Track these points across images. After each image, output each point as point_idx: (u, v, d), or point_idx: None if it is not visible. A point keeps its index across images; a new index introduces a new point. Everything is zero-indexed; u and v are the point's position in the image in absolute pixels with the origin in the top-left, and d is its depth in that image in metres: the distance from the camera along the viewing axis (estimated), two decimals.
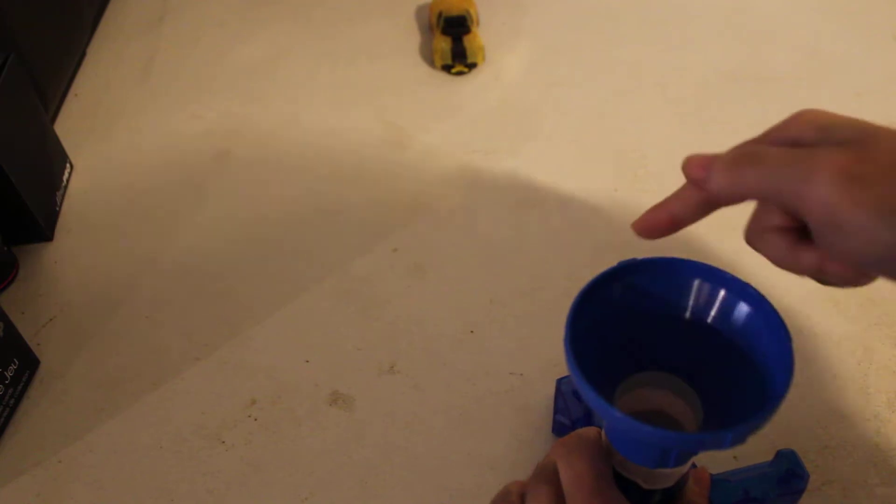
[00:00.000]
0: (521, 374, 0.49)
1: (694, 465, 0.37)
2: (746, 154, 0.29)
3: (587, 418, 0.42)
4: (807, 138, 0.29)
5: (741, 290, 0.30)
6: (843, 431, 0.45)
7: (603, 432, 0.33)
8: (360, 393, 0.49)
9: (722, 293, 0.30)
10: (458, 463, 0.45)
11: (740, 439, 0.26)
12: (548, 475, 0.32)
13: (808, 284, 0.57)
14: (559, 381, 0.45)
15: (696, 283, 0.31)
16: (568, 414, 0.43)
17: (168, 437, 0.48)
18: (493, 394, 0.48)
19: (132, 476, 0.46)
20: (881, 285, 0.56)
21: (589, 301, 0.30)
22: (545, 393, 0.48)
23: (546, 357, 0.50)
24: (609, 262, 0.61)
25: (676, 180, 0.68)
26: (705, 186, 0.30)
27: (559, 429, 0.45)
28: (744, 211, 0.62)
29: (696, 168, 0.31)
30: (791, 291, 0.53)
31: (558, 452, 0.31)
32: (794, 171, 0.26)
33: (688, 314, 0.31)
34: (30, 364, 0.51)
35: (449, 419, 0.47)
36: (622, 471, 0.32)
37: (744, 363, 0.30)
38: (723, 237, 0.57)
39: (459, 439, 0.46)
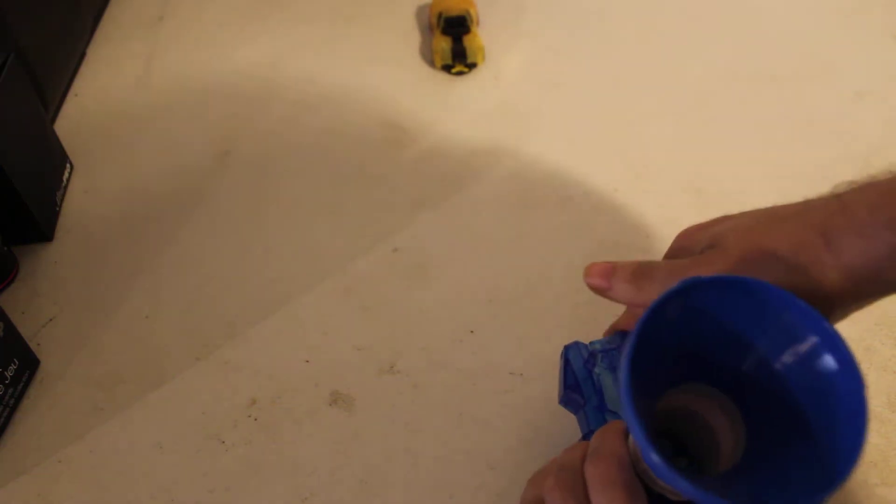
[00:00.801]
0: (521, 374, 0.49)
1: None
2: (644, 269, 0.34)
3: (599, 395, 0.40)
4: (683, 256, 0.35)
5: (835, 346, 0.28)
6: None
7: (631, 438, 0.31)
8: (360, 393, 0.49)
9: (812, 339, 0.28)
10: (458, 463, 0.45)
11: None
12: (575, 488, 0.32)
13: None
14: (567, 350, 0.43)
15: (787, 317, 0.29)
16: (579, 391, 0.41)
17: (168, 437, 0.48)
18: (493, 394, 0.48)
19: (132, 476, 0.46)
20: None
21: (668, 307, 0.28)
22: (545, 393, 0.48)
23: (546, 357, 0.50)
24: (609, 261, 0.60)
25: (676, 180, 0.69)
26: (607, 294, 0.35)
27: (569, 403, 0.42)
28: (744, 208, 0.61)
29: (598, 278, 0.35)
30: None
31: (592, 479, 0.31)
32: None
33: (763, 343, 0.29)
34: (30, 364, 0.51)
35: (449, 419, 0.47)
36: (647, 480, 0.31)
37: (802, 405, 0.28)
38: None
39: (459, 439, 0.46)
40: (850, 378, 0.27)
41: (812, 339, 0.28)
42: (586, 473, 0.31)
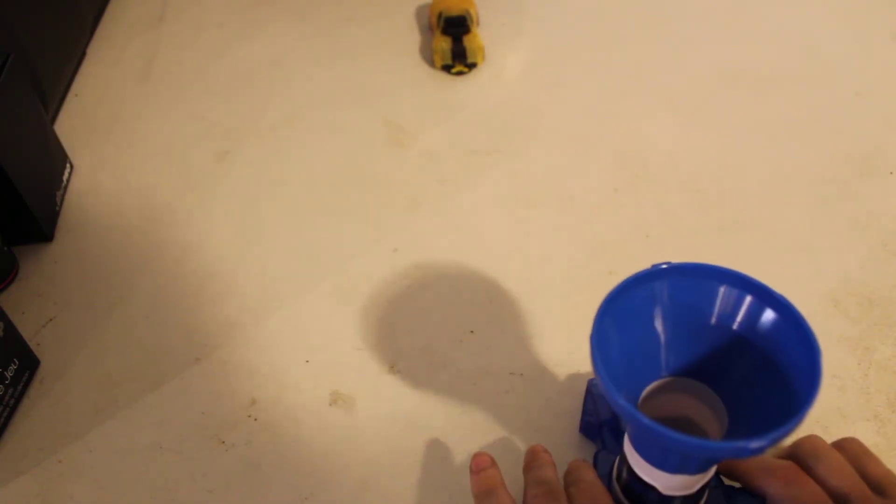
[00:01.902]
0: (521, 374, 0.49)
1: (717, 475, 0.36)
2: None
3: (614, 420, 0.42)
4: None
5: (769, 296, 0.29)
6: (843, 431, 0.45)
7: (626, 437, 0.32)
8: (360, 393, 0.49)
9: (748, 299, 0.30)
10: (458, 463, 0.45)
11: (759, 451, 0.25)
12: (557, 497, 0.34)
13: (808, 285, 0.57)
14: (590, 382, 0.45)
15: (723, 288, 0.30)
16: (596, 414, 0.43)
17: (168, 437, 0.48)
18: (493, 394, 0.48)
19: (132, 476, 0.46)
20: (881, 286, 0.57)
21: (615, 306, 0.30)
22: (545, 393, 0.48)
23: (546, 357, 0.50)
24: (609, 262, 0.61)
25: (676, 180, 0.69)
26: None
27: (587, 428, 0.44)
28: (744, 208, 0.62)
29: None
30: (791, 292, 0.53)
31: (581, 496, 0.34)
32: None
33: (714, 320, 0.31)
34: (30, 364, 0.51)
35: (449, 419, 0.47)
36: (643, 475, 0.31)
37: (770, 371, 0.29)
38: (723, 237, 0.57)
39: (459, 439, 0.46)
40: (791, 320, 0.28)
41: (748, 299, 0.30)
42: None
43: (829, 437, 0.45)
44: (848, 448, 0.38)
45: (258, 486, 0.45)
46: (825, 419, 0.46)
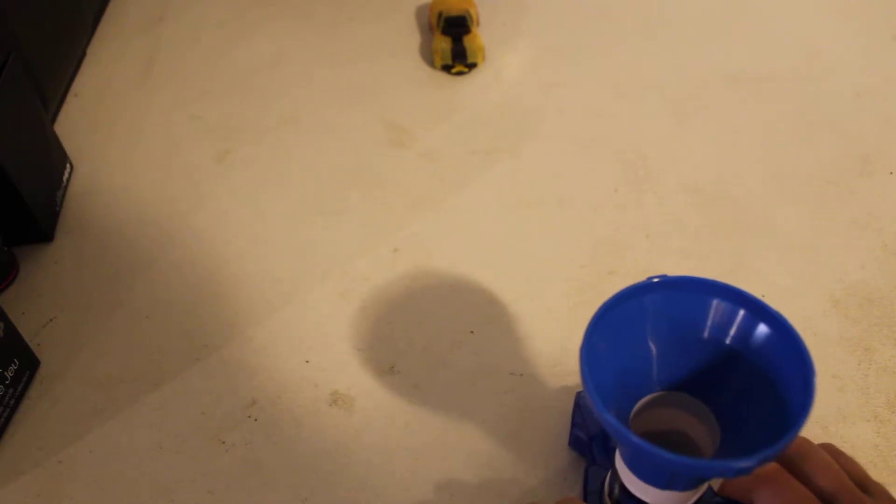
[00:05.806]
0: (521, 375, 0.49)
1: (710, 489, 0.36)
2: None
3: (604, 434, 0.42)
4: None
5: (763, 311, 0.29)
6: (843, 431, 0.45)
7: (616, 453, 0.32)
8: (360, 393, 0.49)
9: (742, 313, 0.29)
10: (458, 463, 0.45)
11: (746, 471, 0.25)
12: None
13: (808, 285, 0.57)
14: (578, 395, 0.45)
15: (716, 302, 0.30)
16: (585, 429, 0.43)
17: (168, 437, 0.48)
18: (493, 394, 0.48)
19: (132, 476, 0.46)
20: (881, 286, 0.57)
21: (605, 321, 0.29)
22: (545, 393, 0.48)
23: (546, 357, 0.50)
24: (609, 262, 0.61)
25: (676, 180, 0.69)
26: None
27: (576, 442, 0.44)
28: (744, 208, 0.62)
29: None
30: (791, 292, 0.53)
31: None
32: None
33: (706, 334, 0.30)
34: (30, 364, 0.51)
35: (449, 419, 0.47)
36: (635, 491, 0.31)
37: (763, 387, 0.29)
38: (723, 237, 0.57)
39: (459, 439, 0.46)
40: (785, 336, 0.28)
41: (741, 313, 0.29)
42: None
43: (829, 438, 0.45)
44: (826, 449, 0.38)
45: (258, 486, 0.45)
46: (825, 419, 0.46)
